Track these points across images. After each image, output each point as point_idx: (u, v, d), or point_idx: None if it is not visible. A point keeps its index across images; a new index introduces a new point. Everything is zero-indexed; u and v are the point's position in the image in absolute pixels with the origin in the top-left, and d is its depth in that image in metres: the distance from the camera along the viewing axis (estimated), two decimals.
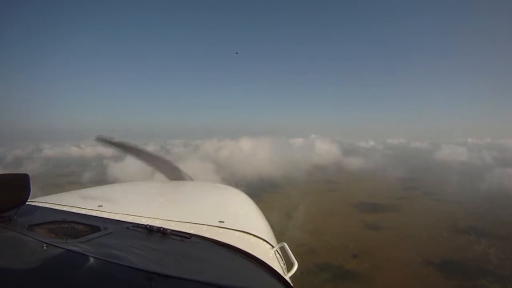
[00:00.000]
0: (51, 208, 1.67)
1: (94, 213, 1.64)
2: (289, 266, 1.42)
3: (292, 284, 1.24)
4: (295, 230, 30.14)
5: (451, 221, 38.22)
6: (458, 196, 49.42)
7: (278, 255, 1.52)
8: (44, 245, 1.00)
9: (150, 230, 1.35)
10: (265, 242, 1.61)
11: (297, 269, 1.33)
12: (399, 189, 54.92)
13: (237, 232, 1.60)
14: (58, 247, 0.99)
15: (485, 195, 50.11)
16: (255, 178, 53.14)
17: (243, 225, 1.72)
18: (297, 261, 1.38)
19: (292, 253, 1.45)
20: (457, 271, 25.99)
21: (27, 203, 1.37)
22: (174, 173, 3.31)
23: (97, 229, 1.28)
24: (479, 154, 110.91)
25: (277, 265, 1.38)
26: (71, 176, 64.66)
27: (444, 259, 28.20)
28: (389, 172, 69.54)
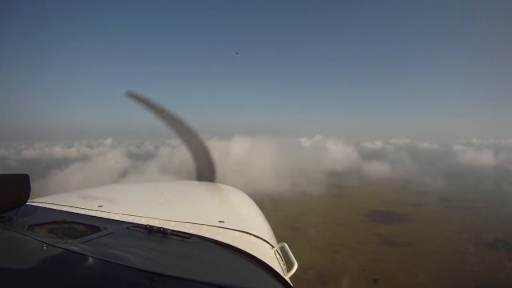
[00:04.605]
0: (51, 208, 1.66)
1: (94, 213, 1.63)
2: (289, 266, 1.42)
3: (292, 284, 1.23)
4: (300, 248, 25.54)
5: (475, 233, 34.18)
6: (476, 202, 45.18)
7: (278, 255, 1.53)
8: (44, 245, 1.01)
9: (150, 230, 1.35)
10: (265, 242, 1.61)
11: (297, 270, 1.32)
12: (411, 194, 50.53)
13: (237, 232, 1.60)
14: (58, 247, 1.00)
15: (505, 200, 45.96)
16: (251, 183, 47.79)
17: (243, 225, 1.72)
18: (297, 261, 1.38)
19: (293, 252, 1.46)
20: None
21: (27, 203, 1.36)
22: (206, 168, 2.96)
23: (97, 229, 1.28)
24: (493, 155, 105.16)
25: (277, 265, 1.38)
26: None
27: (477, 283, 23.98)
28: (398, 175, 65.60)
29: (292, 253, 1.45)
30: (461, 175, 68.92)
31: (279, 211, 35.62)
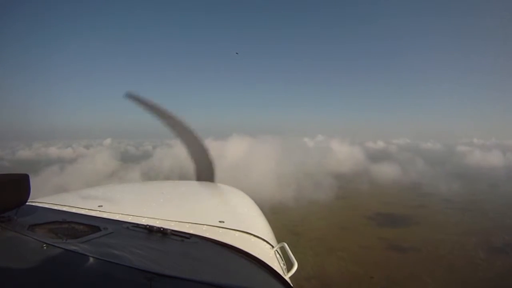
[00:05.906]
0: (51, 208, 1.65)
1: (94, 213, 1.62)
2: (289, 266, 1.41)
3: (292, 284, 1.23)
4: (303, 254, 24.30)
5: (482, 236, 32.90)
6: (483, 204, 43.76)
7: (278, 255, 1.52)
8: (44, 245, 1.01)
9: (150, 230, 1.35)
10: (265, 242, 1.60)
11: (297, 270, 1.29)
12: (417, 195, 49.19)
13: (237, 232, 1.58)
14: (58, 247, 1.01)
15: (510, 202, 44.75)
16: (251, 184, 46.31)
17: (243, 225, 1.69)
18: (297, 261, 1.36)
19: (292, 253, 1.44)
20: None
21: (27, 203, 1.36)
22: (206, 168, 2.98)
23: (97, 229, 1.28)
24: (500, 156, 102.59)
25: (277, 265, 1.38)
26: None
27: None
28: (403, 176, 64.32)
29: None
30: (467, 176, 67.27)
31: (279, 214, 34.33)
